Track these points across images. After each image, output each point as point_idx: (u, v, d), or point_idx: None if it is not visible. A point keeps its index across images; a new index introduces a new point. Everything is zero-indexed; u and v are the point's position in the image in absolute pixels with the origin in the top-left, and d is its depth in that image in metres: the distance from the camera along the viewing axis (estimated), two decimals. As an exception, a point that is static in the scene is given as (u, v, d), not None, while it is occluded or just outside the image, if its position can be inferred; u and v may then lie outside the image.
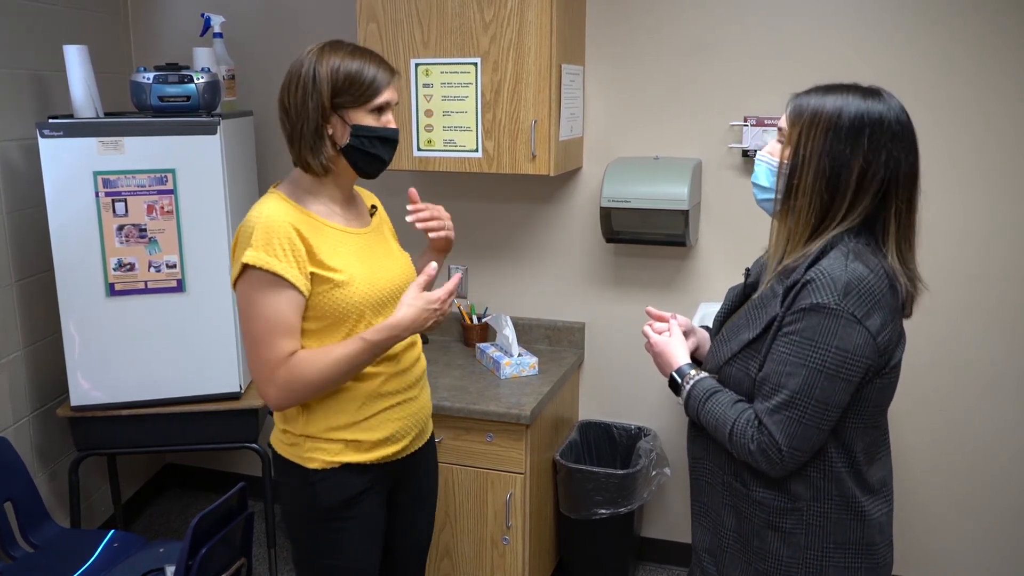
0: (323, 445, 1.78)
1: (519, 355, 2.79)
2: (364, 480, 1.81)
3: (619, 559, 2.86)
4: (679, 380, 1.58)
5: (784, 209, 1.46)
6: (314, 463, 1.78)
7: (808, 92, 1.46)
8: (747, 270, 1.67)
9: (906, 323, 2.64)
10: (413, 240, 2.08)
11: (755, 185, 1.55)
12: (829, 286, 1.36)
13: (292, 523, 1.87)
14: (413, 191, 1.89)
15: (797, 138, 1.42)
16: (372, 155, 1.76)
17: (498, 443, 2.53)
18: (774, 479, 1.46)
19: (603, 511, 2.68)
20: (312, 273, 1.69)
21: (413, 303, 1.71)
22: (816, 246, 1.41)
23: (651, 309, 1.74)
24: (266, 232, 1.66)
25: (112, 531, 2.51)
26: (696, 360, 1.66)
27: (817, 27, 2.61)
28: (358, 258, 1.77)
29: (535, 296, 3.08)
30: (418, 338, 1.94)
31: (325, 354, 1.69)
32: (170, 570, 2.24)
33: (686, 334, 1.71)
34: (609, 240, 2.80)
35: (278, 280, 1.66)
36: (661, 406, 2.99)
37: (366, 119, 1.73)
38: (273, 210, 1.70)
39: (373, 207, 1.95)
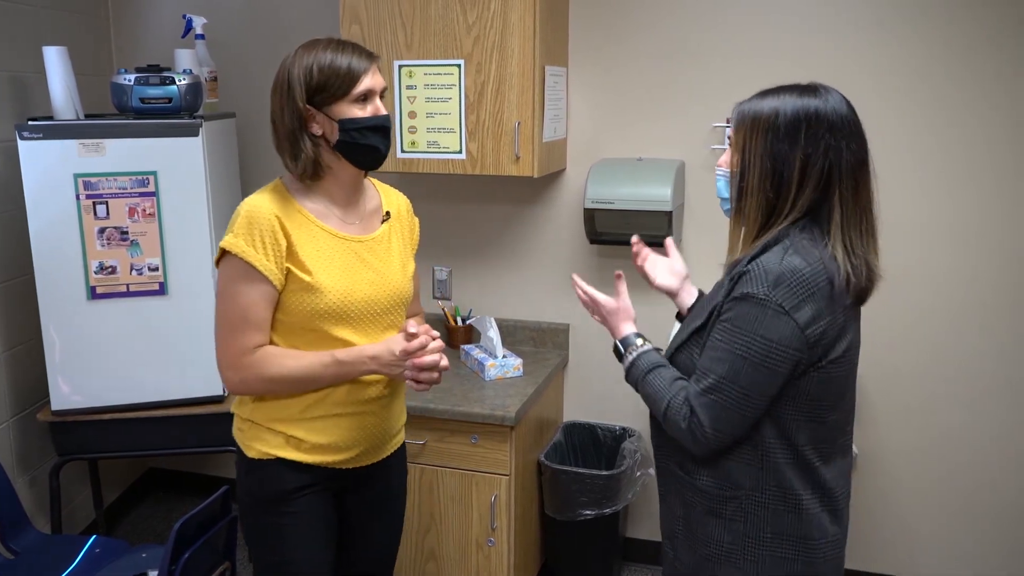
0: (264, 435, 1.77)
1: (503, 357, 2.79)
2: (301, 478, 1.78)
3: (604, 560, 2.86)
4: (622, 350, 1.66)
5: (737, 211, 1.52)
6: (252, 451, 1.78)
7: (749, 99, 1.51)
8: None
9: (900, 326, 2.69)
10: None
11: (720, 198, 1.63)
12: (761, 277, 1.40)
13: (239, 507, 1.87)
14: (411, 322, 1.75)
15: (742, 143, 1.48)
16: (365, 146, 1.70)
17: (483, 445, 2.53)
18: (717, 467, 1.51)
19: (588, 512, 2.69)
20: (288, 268, 1.68)
21: (387, 342, 1.71)
22: (762, 241, 1.46)
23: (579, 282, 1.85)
24: (248, 220, 1.66)
25: (94, 536, 2.49)
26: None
27: (798, 27, 2.63)
28: (340, 265, 1.73)
29: (519, 298, 3.08)
30: None
31: (294, 358, 1.70)
32: (153, 575, 2.23)
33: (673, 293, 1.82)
34: (593, 241, 2.81)
35: (252, 271, 1.65)
36: (645, 407, 2.99)
37: (351, 111, 1.68)
38: (262, 200, 1.70)
39: (387, 213, 1.87)
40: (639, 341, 1.65)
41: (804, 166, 1.42)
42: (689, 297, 1.82)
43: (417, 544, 2.65)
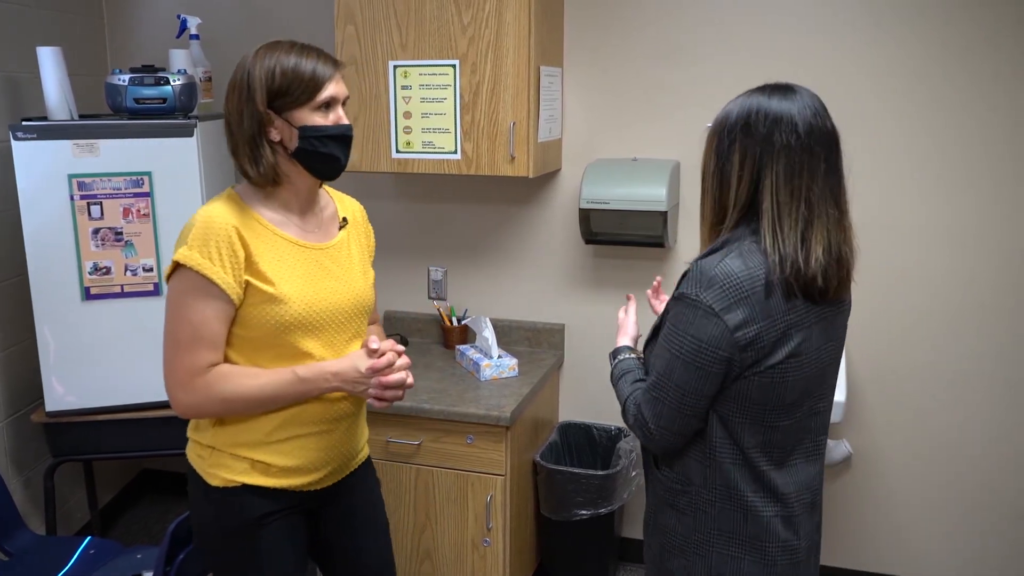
0: (227, 461, 1.68)
1: (499, 357, 2.78)
2: (268, 504, 1.71)
3: (600, 560, 2.86)
4: (611, 359, 1.74)
5: (701, 211, 1.56)
6: (215, 480, 1.69)
7: None
8: None
9: (898, 327, 2.71)
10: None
11: None
12: (696, 278, 1.43)
13: (199, 538, 1.78)
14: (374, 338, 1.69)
15: (705, 151, 1.53)
16: (326, 155, 1.64)
17: (478, 445, 2.53)
18: (677, 462, 1.54)
19: (583, 512, 2.69)
20: (247, 281, 1.61)
21: (350, 358, 1.66)
22: (715, 242, 1.48)
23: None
24: (204, 232, 1.58)
25: (88, 538, 2.48)
26: None
27: (796, 28, 2.63)
28: (302, 274, 1.67)
29: (515, 298, 3.08)
30: None
31: (251, 376, 1.63)
32: (147, 576, 2.23)
33: None
34: (588, 241, 2.81)
35: (208, 285, 1.57)
36: (641, 407, 3.00)
37: (313, 118, 1.61)
38: (217, 210, 1.62)
39: (344, 219, 1.82)
40: (624, 353, 1.72)
41: (742, 160, 1.43)
42: None
43: (412, 544, 2.65)
